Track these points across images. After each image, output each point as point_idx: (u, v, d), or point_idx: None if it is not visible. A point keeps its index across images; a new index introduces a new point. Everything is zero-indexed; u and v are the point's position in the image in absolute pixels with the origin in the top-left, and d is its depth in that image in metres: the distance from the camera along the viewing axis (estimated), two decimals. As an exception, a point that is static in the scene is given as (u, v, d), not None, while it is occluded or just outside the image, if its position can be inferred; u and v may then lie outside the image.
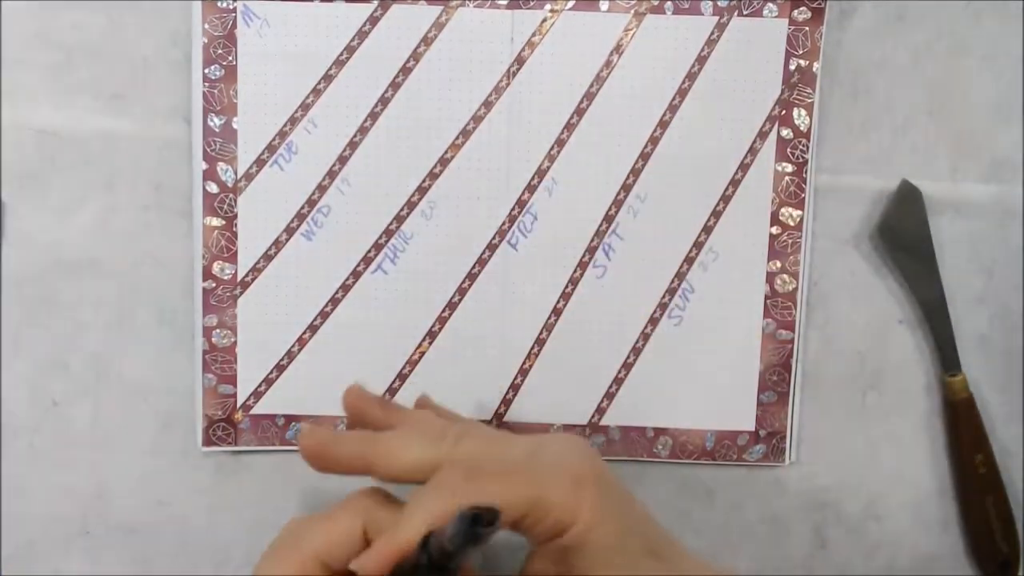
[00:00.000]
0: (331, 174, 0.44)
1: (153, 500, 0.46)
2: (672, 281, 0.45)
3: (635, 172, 0.44)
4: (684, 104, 0.44)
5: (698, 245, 0.45)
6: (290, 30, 0.43)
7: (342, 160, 0.44)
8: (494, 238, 0.45)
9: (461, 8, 0.43)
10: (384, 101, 0.44)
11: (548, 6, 0.43)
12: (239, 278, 0.44)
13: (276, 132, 0.44)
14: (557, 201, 0.45)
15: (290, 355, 0.45)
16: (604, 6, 0.43)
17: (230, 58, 0.43)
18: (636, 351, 0.45)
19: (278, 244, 0.44)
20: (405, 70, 0.44)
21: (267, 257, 0.44)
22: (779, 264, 0.45)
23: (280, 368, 0.45)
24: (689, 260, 0.45)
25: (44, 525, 0.45)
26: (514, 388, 0.45)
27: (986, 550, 0.46)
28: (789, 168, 0.45)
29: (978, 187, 0.45)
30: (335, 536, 0.31)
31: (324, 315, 0.45)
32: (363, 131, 0.44)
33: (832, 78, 0.44)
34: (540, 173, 0.44)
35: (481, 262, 0.45)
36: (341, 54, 0.43)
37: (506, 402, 0.46)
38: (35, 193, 0.44)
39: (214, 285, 0.44)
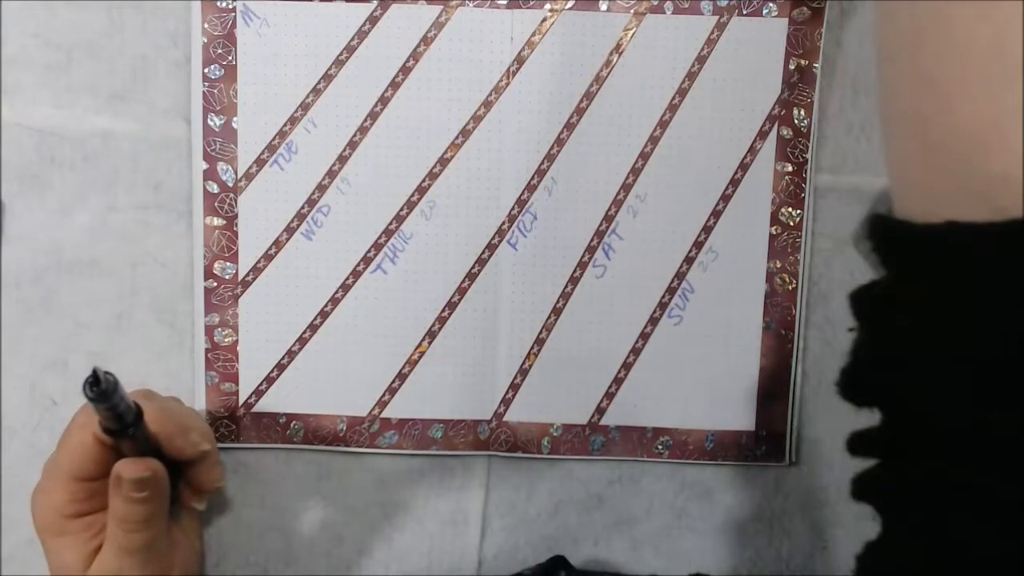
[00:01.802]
0: (331, 174, 0.44)
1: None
2: (672, 281, 0.45)
3: (635, 172, 0.44)
4: (684, 104, 0.44)
5: (698, 245, 0.45)
6: (290, 30, 0.43)
7: (342, 160, 0.44)
8: (494, 238, 0.45)
9: (461, 8, 0.43)
10: (384, 101, 0.44)
11: (548, 6, 0.43)
12: (240, 277, 0.45)
13: (276, 132, 0.44)
14: (557, 201, 0.45)
15: (291, 354, 0.45)
16: (604, 6, 0.43)
17: (230, 58, 0.43)
18: (636, 351, 0.45)
19: (278, 244, 0.44)
20: (405, 70, 0.44)
21: (268, 257, 0.44)
22: (779, 264, 0.45)
23: (281, 367, 0.45)
24: (689, 260, 0.45)
25: (44, 524, 0.45)
26: (514, 388, 0.45)
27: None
28: (789, 168, 0.45)
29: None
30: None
31: (324, 314, 0.45)
32: (363, 131, 0.44)
33: (832, 78, 0.44)
34: (540, 173, 0.44)
35: (481, 262, 0.45)
36: (341, 54, 0.43)
37: (506, 402, 0.46)
38: (35, 193, 0.44)
39: (215, 284, 0.44)
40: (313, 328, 0.45)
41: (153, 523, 0.37)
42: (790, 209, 0.45)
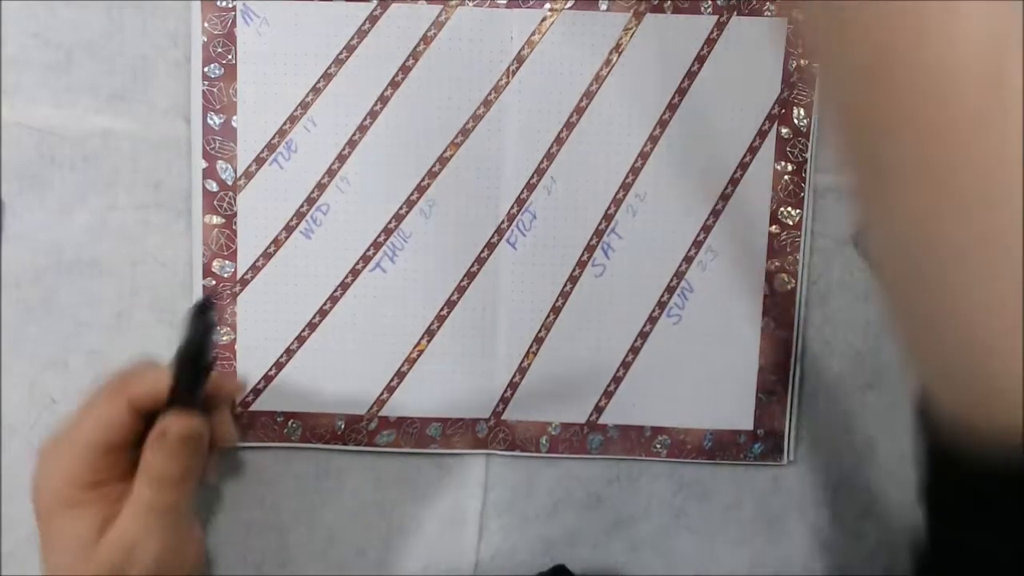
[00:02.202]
0: (330, 172, 0.44)
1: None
2: (671, 280, 0.45)
3: (634, 171, 0.44)
4: (684, 104, 0.44)
5: (697, 244, 0.45)
6: (290, 29, 0.43)
7: (341, 159, 0.44)
8: (493, 237, 0.45)
9: (461, 7, 0.43)
10: (383, 100, 0.44)
11: (548, 5, 0.43)
12: (239, 276, 0.45)
13: (276, 130, 0.44)
14: (556, 200, 0.45)
15: (289, 353, 0.45)
16: (604, 5, 0.43)
17: (230, 57, 0.43)
18: (635, 350, 0.45)
19: (277, 242, 0.44)
20: (404, 69, 0.44)
21: (267, 255, 0.45)
22: (778, 263, 0.45)
23: (279, 366, 0.45)
24: (688, 259, 0.45)
25: (44, 523, 0.45)
26: (513, 387, 0.45)
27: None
28: (789, 167, 0.45)
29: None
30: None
31: (323, 313, 0.45)
32: (362, 130, 0.44)
33: (832, 77, 0.44)
34: (539, 172, 0.44)
35: (480, 261, 0.45)
36: (340, 53, 0.43)
37: (504, 401, 0.46)
38: (35, 193, 0.44)
39: (214, 283, 0.44)
40: (312, 327, 0.45)
41: (186, 481, 0.38)
42: (790, 209, 0.45)
